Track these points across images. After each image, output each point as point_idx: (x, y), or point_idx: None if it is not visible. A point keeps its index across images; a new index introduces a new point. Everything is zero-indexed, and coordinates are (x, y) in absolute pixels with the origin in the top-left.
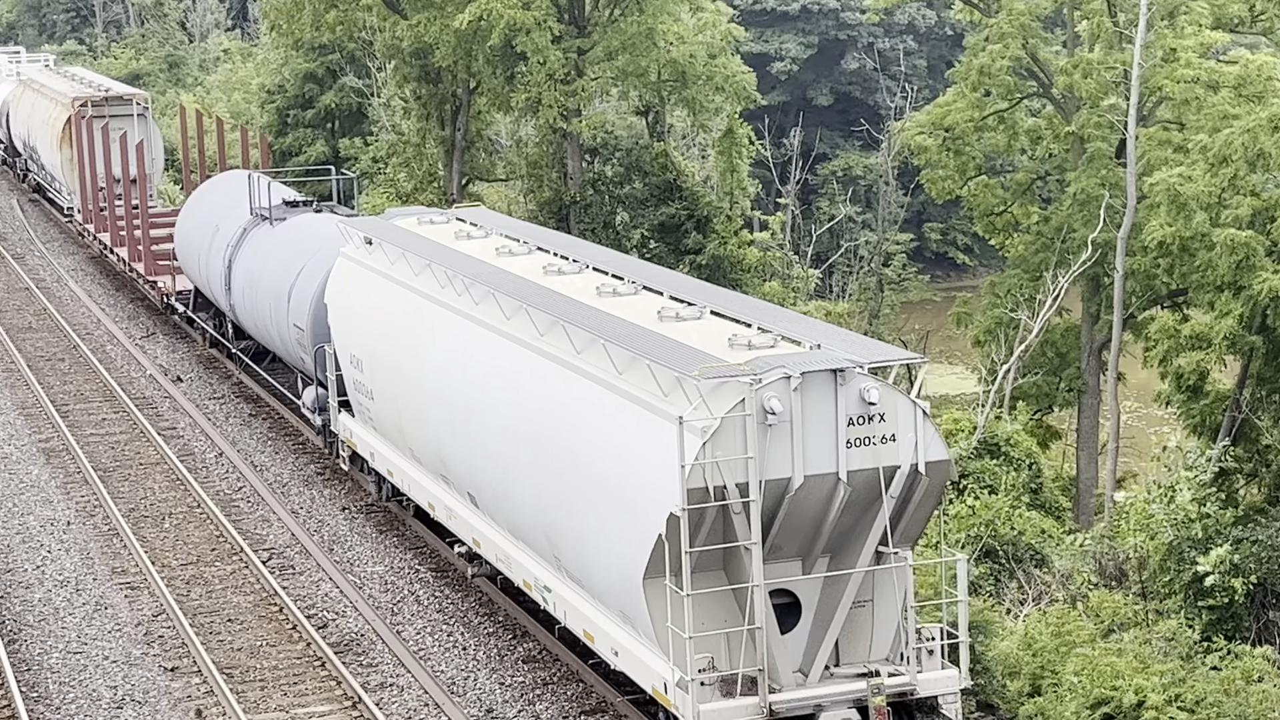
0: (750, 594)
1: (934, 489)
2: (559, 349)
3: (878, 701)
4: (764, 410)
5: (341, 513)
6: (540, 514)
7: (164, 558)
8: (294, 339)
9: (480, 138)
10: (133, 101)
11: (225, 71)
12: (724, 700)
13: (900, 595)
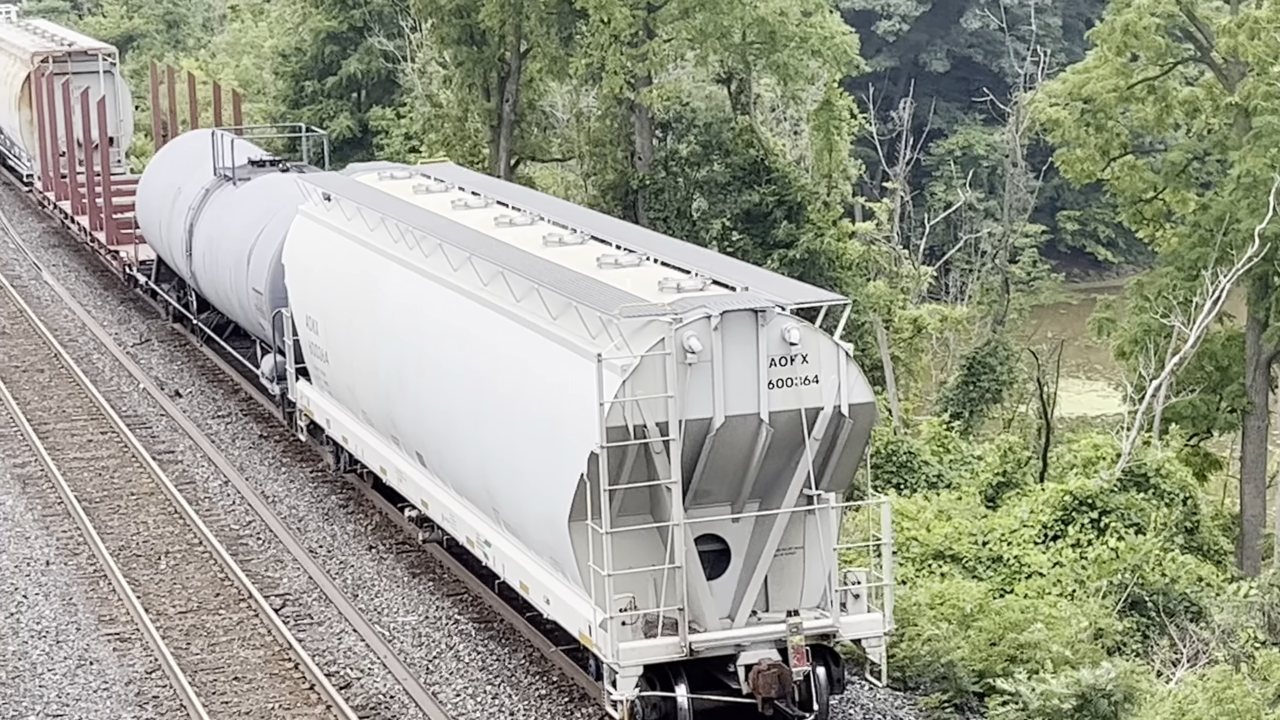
0: (670, 533)
1: (859, 433)
2: (499, 298)
3: (796, 641)
4: (684, 349)
5: (368, 552)
6: (481, 467)
7: (159, 604)
8: (253, 304)
9: (532, 110)
10: (98, 57)
11: (233, 32)
12: (644, 640)
13: (828, 542)
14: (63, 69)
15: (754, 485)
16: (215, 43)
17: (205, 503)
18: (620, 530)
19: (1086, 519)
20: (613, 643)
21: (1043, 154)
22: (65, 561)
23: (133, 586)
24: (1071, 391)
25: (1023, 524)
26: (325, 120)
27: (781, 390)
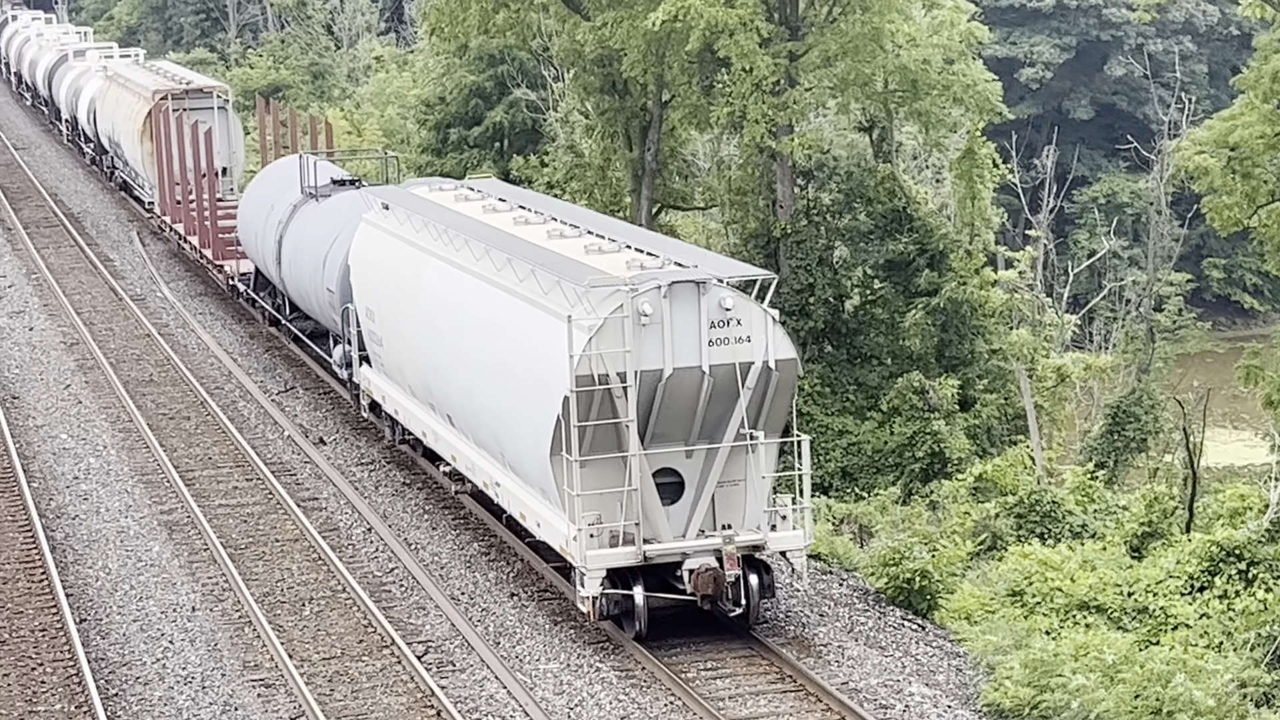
0: (629, 463)
1: (785, 383)
2: (507, 280)
3: (729, 549)
4: (639, 313)
5: (510, 600)
6: (491, 419)
7: (303, 651)
8: (326, 302)
9: (674, 159)
10: (213, 94)
11: (378, 83)
12: (608, 549)
13: (760, 473)
14: (180, 105)
15: (701, 427)
16: (360, 93)
17: (349, 549)
18: (588, 459)
19: (1234, 570)
20: (582, 550)
21: (1187, 201)
22: (211, 608)
23: (277, 633)
24: (1218, 441)
25: (1169, 575)
26: (469, 169)
27: (719, 347)
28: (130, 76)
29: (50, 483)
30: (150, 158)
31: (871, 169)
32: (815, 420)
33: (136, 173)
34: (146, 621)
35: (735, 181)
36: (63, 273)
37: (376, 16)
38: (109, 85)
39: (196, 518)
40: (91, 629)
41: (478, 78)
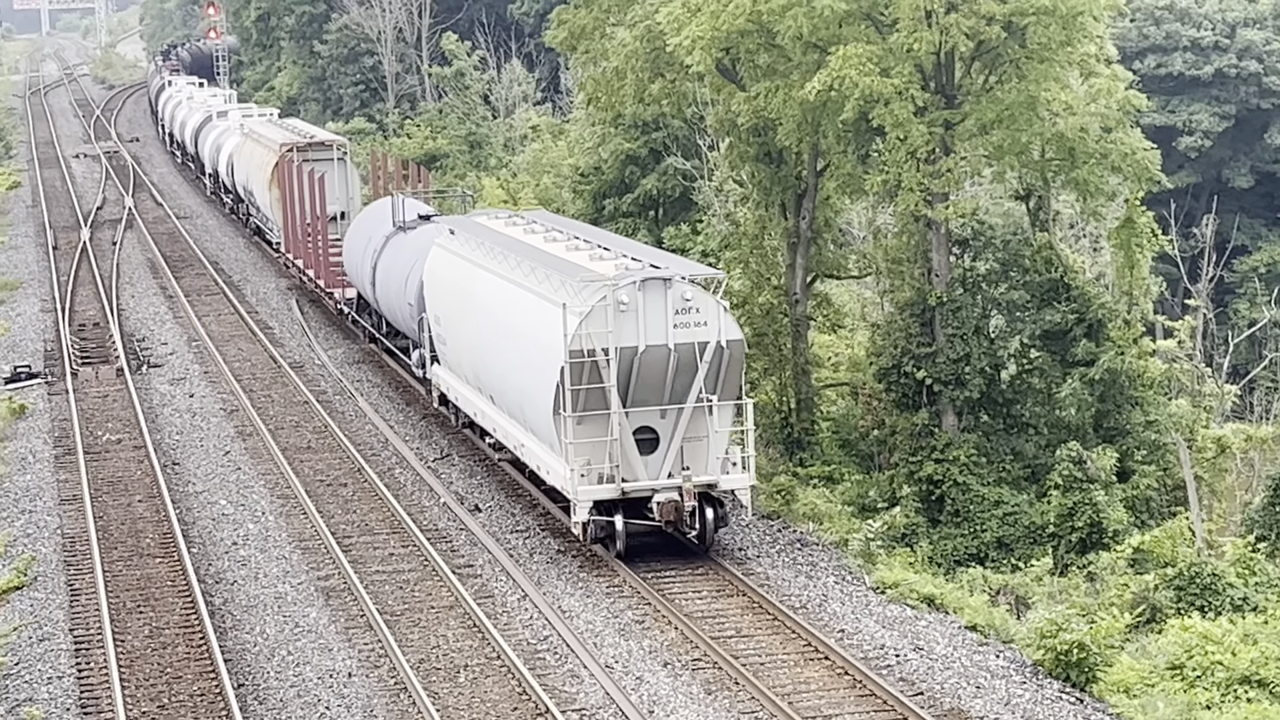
0: (611, 419)
1: (735, 359)
2: (530, 281)
3: (688, 486)
4: (618, 302)
5: (664, 668)
6: (516, 391)
7: (458, 717)
8: (408, 314)
9: (829, 228)
10: (332, 147)
11: (534, 152)
12: (595, 485)
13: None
14: (303, 156)
15: (670, 393)
16: (516, 162)
17: (503, 616)
18: (581, 415)
19: None
20: (574, 486)
21: None
22: (367, 674)
23: (432, 699)
24: None
25: None
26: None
27: (682, 330)
28: (262, 132)
29: (209, 548)
30: (277, 203)
31: (1028, 238)
32: (971, 490)
33: (266, 217)
34: (303, 687)
35: (890, 250)
36: (223, 340)
37: (533, 86)
38: (244, 140)
39: (353, 584)
40: (249, 694)
41: (632, 145)
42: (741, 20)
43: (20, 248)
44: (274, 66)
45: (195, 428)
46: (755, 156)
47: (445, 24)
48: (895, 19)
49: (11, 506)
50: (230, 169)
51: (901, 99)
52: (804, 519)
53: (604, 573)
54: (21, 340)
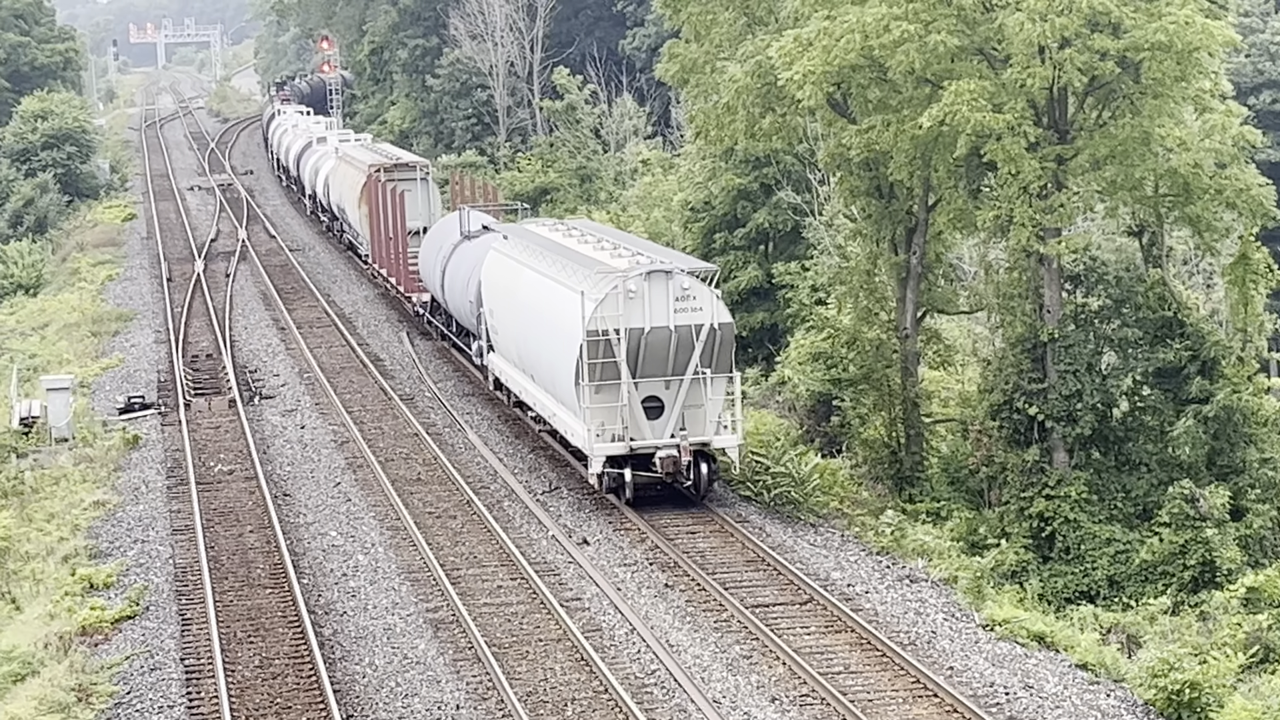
0: (622, 388)
1: (726, 339)
2: (560, 274)
3: (684, 444)
4: (628, 291)
5: (771, 704)
6: (548, 366)
7: None
8: (470, 311)
9: (940, 263)
10: (416, 168)
11: (644, 186)
12: (609, 443)
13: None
14: (391, 176)
15: (673, 367)
16: (626, 196)
17: (611, 650)
18: (597, 385)
19: None
20: (591, 444)
21: None
22: (475, 706)
23: None
24: None
25: None
26: (734, 271)
27: (681, 314)
28: (355, 155)
29: (319, 579)
30: (365, 219)
31: (1141, 274)
32: (1082, 527)
33: (357, 232)
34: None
35: (1002, 286)
36: (334, 371)
37: (644, 120)
38: (338, 163)
39: (461, 616)
40: None
41: (743, 180)
42: (853, 55)
43: (135, 279)
44: (386, 100)
45: (306, 459)
46: (866, 191)
47: (557, 58)
48: (1008, 54)
49: (125, 536)
50: (326, 189)
51: (1014, 134)
52: (913, 555)
53: (711, 607)
54: (136, 371)
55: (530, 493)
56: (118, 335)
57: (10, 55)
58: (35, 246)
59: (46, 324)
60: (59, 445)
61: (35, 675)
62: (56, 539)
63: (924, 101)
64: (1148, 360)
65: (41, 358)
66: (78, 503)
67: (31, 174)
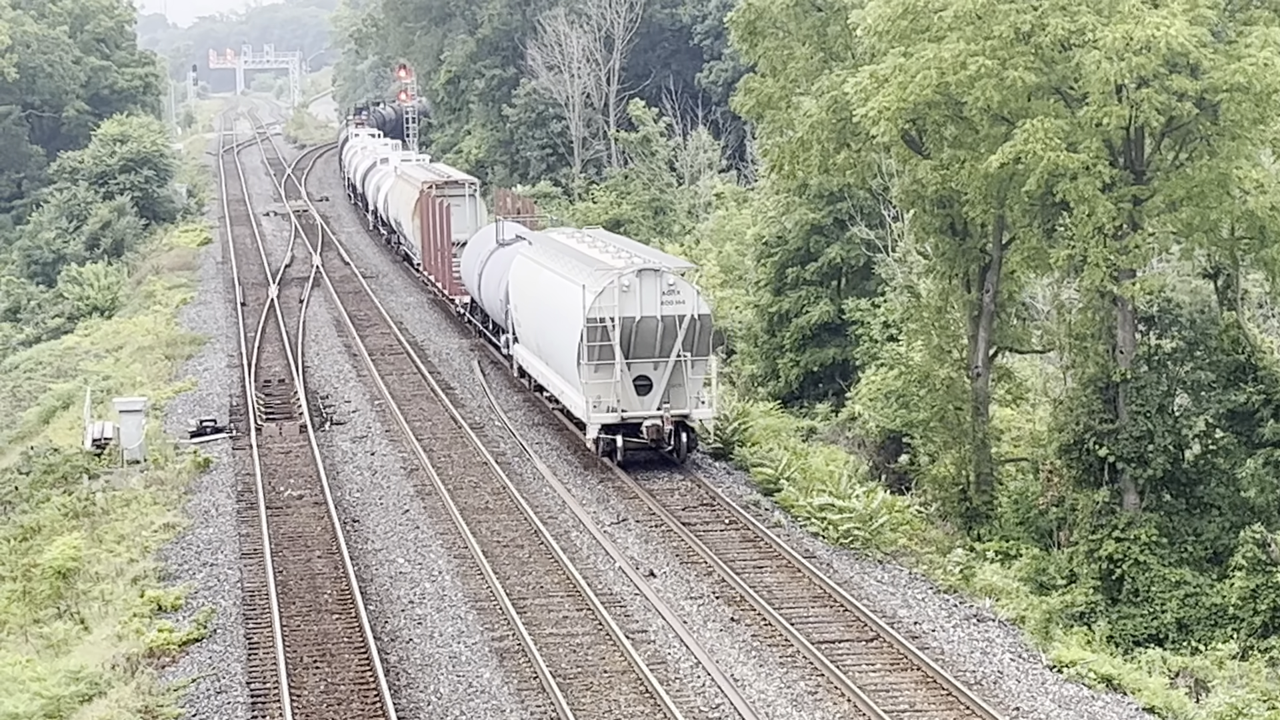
0: (615, 367)
1: (705, 327)
2: (564, 271)
3: (667, 415)
4: (622, 285)
5: None
6: (557, 349)
7: None
8: (500, 308)
9: (1012, 301)
10: (464, 185)
11: (717, 219)
12: (603, 413)
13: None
14: (442, 193)
15: (660, 350)
16: (699, 229)
17: (675, 683)
18: (595, 364)
19: None
20: (589, 414)
21: None
22: None
23: None
24: None
25: None
26: (805, 306)
27: (668, 305)
28: (410, 173)
29: (386, 606)
30: (417, 230)
31: (1215, 317)
32: (1151, 569)
33: (411, 243)
34: None
35: (1074, 325)
36: (405, 399)
37: (718, 154)
38: (396, 180)
39: (527, 645)
40: None
41: (816, 214)
42: (929, 91)
43: (209, 303)
44: (463, 129)
45: (375, 485)
46: (940, 228)
47: (633, 90)
48: (1085, 93)
49: (194, 559)
50: (385, 204)
51: (1089, 174)
52: (981, 594)
53: (777, 642)
54: (208, 395)
55: (598, 524)
56: (191, 359)
57: (91, 79)
58: (111, 269)
59: (121, 346)
60: (131, 467)
61: (102, 696)
62: (126, 560)
63: (999, 139)
64: (1220, 403)
65: (115, 380)
66: (148, 525)
67: (109, 197)
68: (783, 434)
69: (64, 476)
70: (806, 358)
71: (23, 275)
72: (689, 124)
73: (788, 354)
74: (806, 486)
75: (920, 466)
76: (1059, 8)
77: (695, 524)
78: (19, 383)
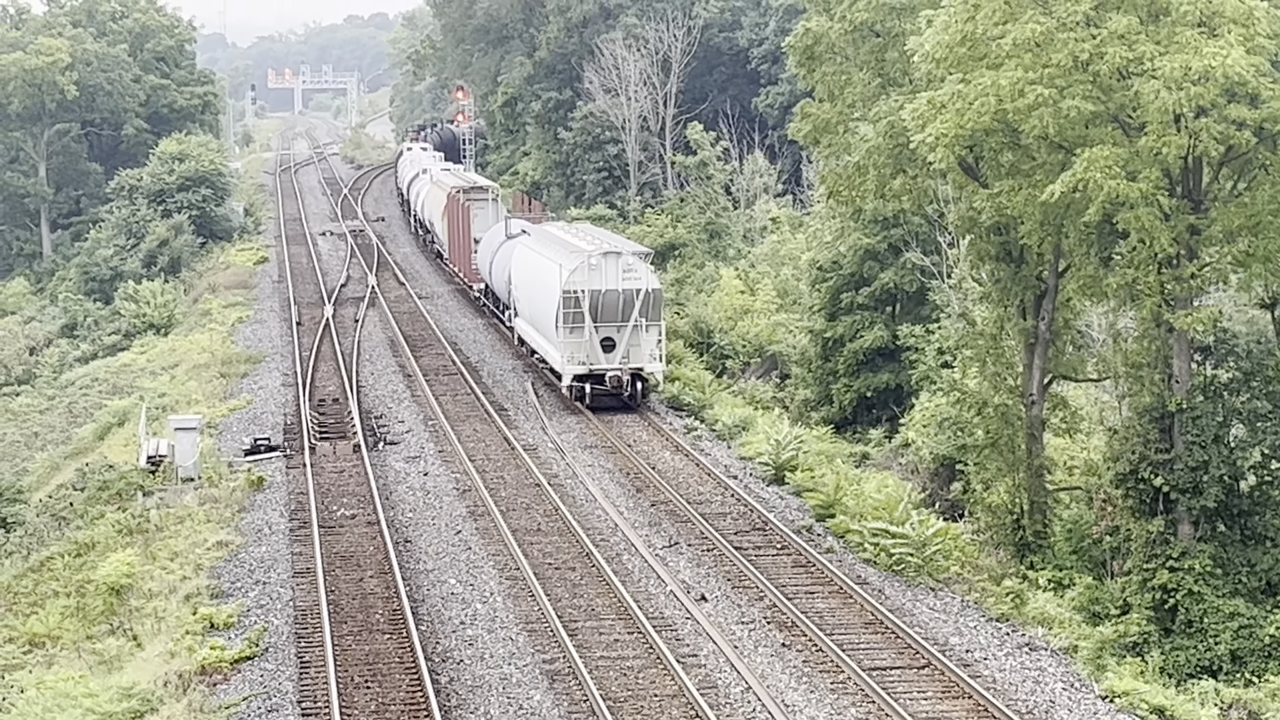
0: (585, 330)
1: (657, 299)
2: (547, 253)
3: (625, 368)
4: (590, 263)
5: None
6: (541, 316)
7: None
8: (505, 289)
9: (1068, 329)
10: (488, 190)
11: (772, 243)
12: (576, 366)
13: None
14: (467, 197)
15: (621, 316)
16: (755, 253)
17: (726, 708)
18: (570, 327)
19: None
20: (565, 367)
21: None
22: None
23: None
24: None
25: None
26: (860, 331)
27: (627, 280)
28: (443, 180)
29: (438, 626)
30: (445, 229)
31: (1272, 348)
32: (1205, 600)
33: (441, 240)
34: None
35: (1130, 354)
36: (458, 420)
37: (774, 178)
38: (431, 186)
39: (577, 668)
40: None
41: (871, 240)
42: (986, 118)
43: (265, 322)
44: (519, 151)
45: (428, 506)
46: (996, 255)
47: (690, 114)
48: (1143, 122)
49: (246, 577)
50: (421, 207)
51: (1148, 203)
52: (1033, 622)
53: (829, 668)
54: (262, 413)
55: (650, 547)
56: (246, 377)
57: (150, 97)
58: (168, 287)
59: (176, 364)
60: (185, 485)
61: (154, 713)
62: (179, 578)
63: (1056, 167)
64: (1277, 434)
65: (170, 397)
66: (201, 542)
67: (167, 215)
68: (836, 459)
69: (119, 493)
70: (860, 383)
71: (80, 292)
72: (745, 148)
73: (841, 379)
74: (859, 512)
75: (973, 494)
76: (1118, 37)
77: (747, 548)
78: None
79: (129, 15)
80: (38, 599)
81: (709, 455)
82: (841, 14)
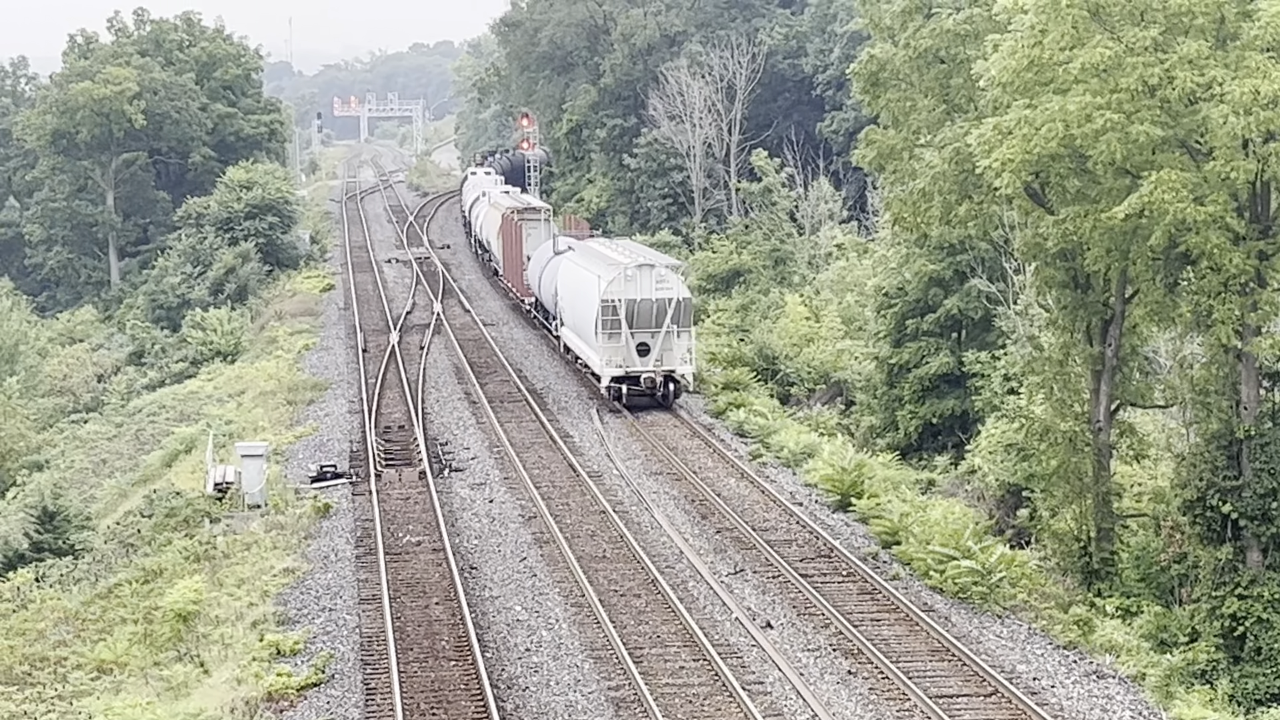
0: (623, 336)
1: (687, 307)
2: (591, 267)
3: (658, 370)
4: (626, 275)
5: None
6: (584, 323)
7: None
8: (552, 300)
9: (1135, 355)
10: (540, 211)
11: (838, 270)
12: (614, 369)
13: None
14: (520, 217)
15: (654, 322)
16: (819, 280)
17: None
18: (609, 333)
19: None
20: (604, 370)
21: None
22: None
23: None
24: None
25: None
26: (925, 357)
27: (660, 290)
28: (499, 201)
29: (503, 653)
30: (500, 247)
31: None
32: (1275, 628)
33: (496, 258)
34: None
35: (1198, 381)
36: (523, 447)
37: (839, 205)
38: (489, 208)
39: (643, 695)
40: None
41: (937, 266)
42: (1053, 144)
43: (331, 349)
44: (584, 178)
45: (493, 533)
46: (1062, 281)
47: (754, 140)
48: (1211, 147)
49: (313, 604)
50: (480, 228)
51: (1216, 227)
52: (1101, 650)
53: (895, 696)
54: (329, 440)
55: (715, 574)
56: (312, 404)
57: (218, 125)
58: (235, 314)
59: (243, 391)
60: (251, 511)
61: None
62: (246, 604)
63: (1123, 192)
64: None
65: (237, 424)
66: (268, 569)
67: (234, 242)
68: (901, 486)
69: (186, 520)
70: (925, 409)
71: (148, 319)
72: (810, 174)
73: (907, 405)
74: (925, 539)
75: (1040, 521)
76: (1186, 61)
77: (813, 575)
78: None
79: (196, 44)
80: (106, 625)
81: (774, 482)
82: (906, 40)
